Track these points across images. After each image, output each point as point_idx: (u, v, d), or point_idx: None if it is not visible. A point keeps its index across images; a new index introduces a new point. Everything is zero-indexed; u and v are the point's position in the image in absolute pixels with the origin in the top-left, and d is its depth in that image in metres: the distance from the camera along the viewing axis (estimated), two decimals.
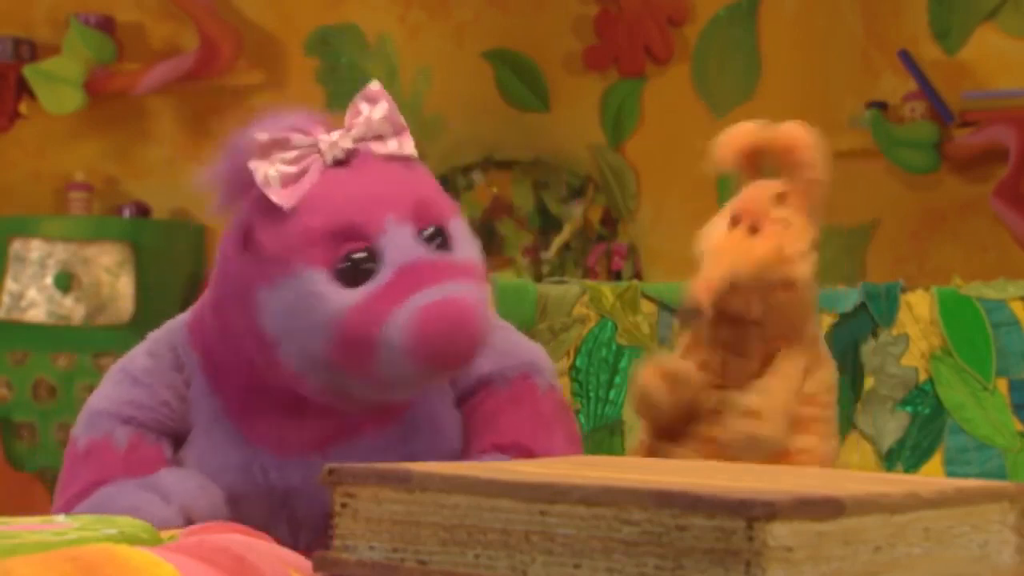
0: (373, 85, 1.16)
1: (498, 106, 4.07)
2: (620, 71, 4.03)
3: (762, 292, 1.14)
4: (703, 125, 3.96)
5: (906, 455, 1.60)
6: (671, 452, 1.15)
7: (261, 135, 1.11)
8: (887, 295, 1.62)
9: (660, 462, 1.01)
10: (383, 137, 1.14)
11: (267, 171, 1.11)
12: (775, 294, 1.14)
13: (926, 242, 3.80)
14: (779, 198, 1.15)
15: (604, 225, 3.98)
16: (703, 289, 1.12)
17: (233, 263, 1.15)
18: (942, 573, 0.77)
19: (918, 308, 1.62)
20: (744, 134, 1.17)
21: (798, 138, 1.17)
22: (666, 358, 1.17)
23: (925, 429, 1.60)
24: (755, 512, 0.69)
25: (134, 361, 1.23)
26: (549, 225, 3.96)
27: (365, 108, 1.15)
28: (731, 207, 1.16)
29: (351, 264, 1.10)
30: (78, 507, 1.16)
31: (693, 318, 1.13)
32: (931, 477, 1.51)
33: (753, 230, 1.14)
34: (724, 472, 0.88)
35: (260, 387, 1.18)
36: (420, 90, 4.04)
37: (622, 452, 1.64)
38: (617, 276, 3.88)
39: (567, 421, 1.26)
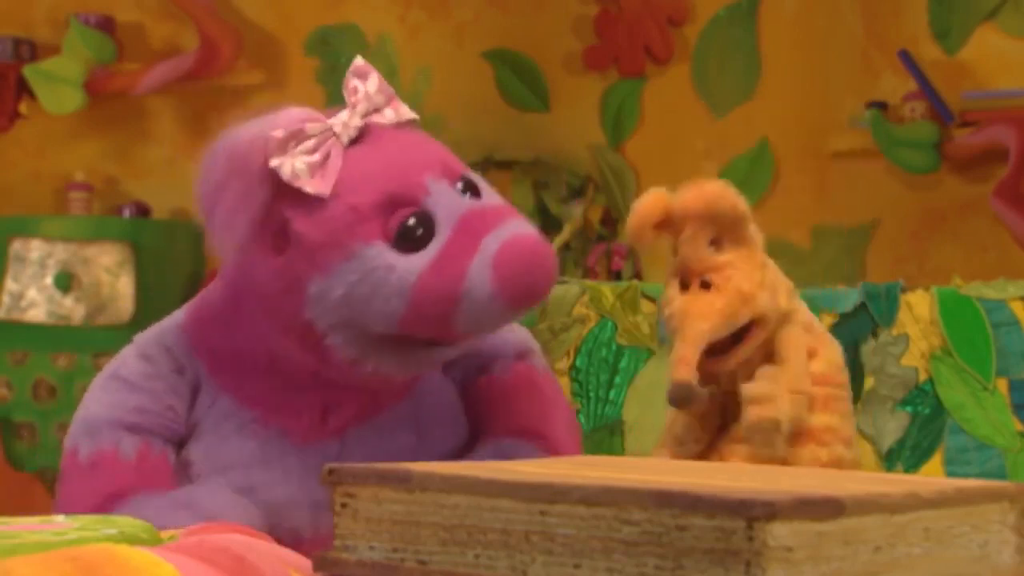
0: (358, 61, 1.18)
1: (498, 106, 4.07)
2: (620, 71, 4.03)
3: (738, 343, 1.14)
4: (703, 125, 3.97)
5: (906, 455, 1.60)
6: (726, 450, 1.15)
7: (277, 132, 1.12)
8: (887, 295, 1.62)
9: (660, 462, 1.01)
10: (380, 108, 1.16)
11: (293, 165, 1.12)
12: (752, 334, 1.14)
13: (926, 242, 3.80)
14: (714, 244, 1.15)
15: (604, 225, 3.98)
16: (683, 368, 1.11)
17: (265, 267, 1.14)
18: (942, 573, 0.77)
19: (918, 308, 1.62)
20: (650, 207, 1.16)
21: (697, 201, 1.15)
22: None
23: (925, 429, 1.60)
24: (755, 512, 0.69)
25: (127, 366, 1.22)
26: (549, 225, 3.96)
27: (360, 84, 1.16)
28: (673, 270, 1.16)
29: (407, 230, 1.12)
30: None
31: (687, 399, 1.12)
32: (931, 477, 1.51)
33: (705, 285, 1.14)
34: (724, 472, 0.88)
35: (281, 382, 1.18)
36: (420, 90, 4.04)
37: (622, 452, 1.64)
38: (617, 276, 3.88)
39: (563, 397, 1.29)
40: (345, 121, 1.14)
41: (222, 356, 1.20)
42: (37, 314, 3.82)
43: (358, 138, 1.15)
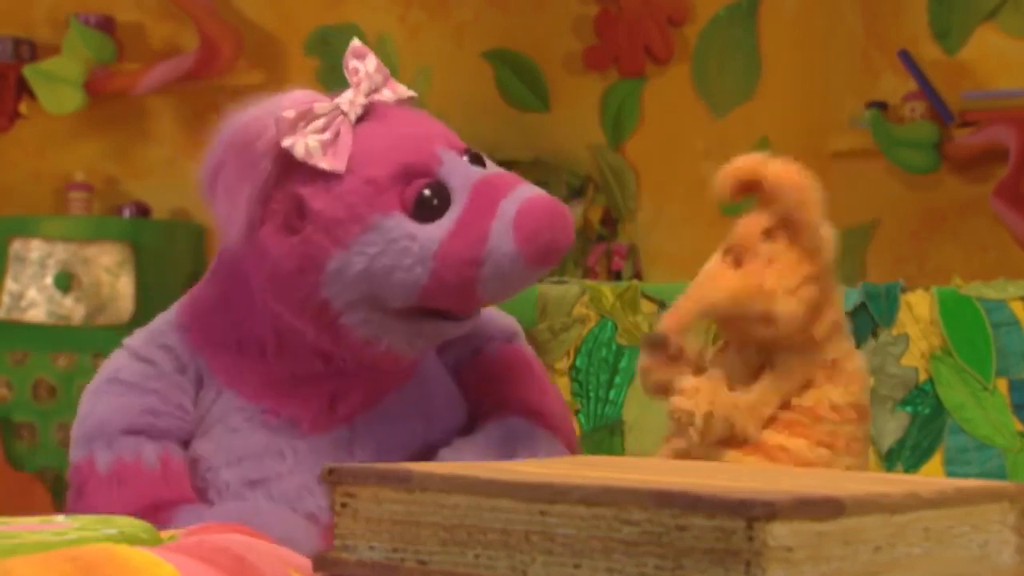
0: (355, 43, 1.20)
1: (498, 106, 4.07)
2: (620, 71, 4.03)
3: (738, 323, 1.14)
4: (703, 125, 3.97)
5: (906, 455, 1.60)
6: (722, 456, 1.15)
7: (288, 113, 1.13)
8: (887, 295, 1.62)
9: (660, 462, 1.01)
10: (379, 88, 1.18)
11: (306, 144, 1.13)
12: (754, 327, 1.14)
13: (926, 242, 3.80)
14: (767, 233, 1.15)
15: (604, 225, 3.98)
16: (672, 320, 1.13)
17: (279, 248, 1.14)
18: (942, 573, 0.77)
19: (918, 308, 1.62)
20: (741, 168, 1.17)
21: (786, 178, 1.16)
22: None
23: (925, 429, 1.60)
24: (755, 512, 0.69)
25: (126, 369, 1.21)
26: None
27: (359, 64, 1.18)
28: (727, 239, 1.16)
29: (424, 200, 1.13)
30: None
31: (656, 346, 1.13)
32: (931, 477, 1.51)
33: (737, 263, 1.15)
34: (724, 472, 0.88)
35: (288, 371, 1.18)
36: (420, 90, 4.03)
37: (622, 452, 1.64)
38: (617, 276, 3.88)
39: (547, 375, 1.32)
40: (351, 99, 1.16)
41: (225, 350, 1.20)
42: (37, 314, 3.82)
43: (364, 116, 1.17)
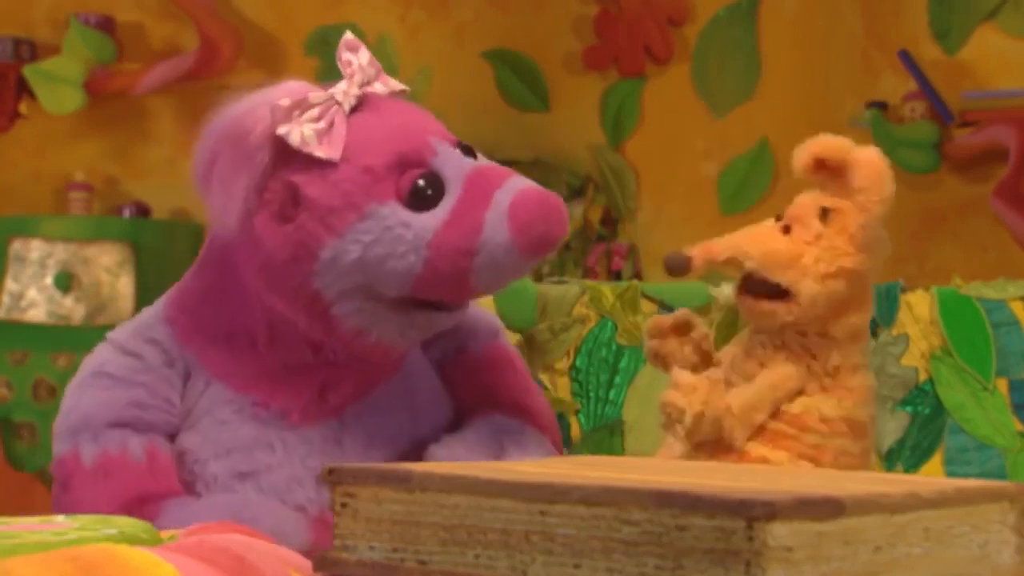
0: (348, 36, 1.21)
1: (498, 106, 4.07)
2: (620, 71, 4.03)
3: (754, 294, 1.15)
4: (703, 125, 3.97)
5: (906, 455, 1.60)
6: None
7: (283, 101, 1.13)
8: (887, 295, 1.62)
9: (660, 462, 1.01)
10: (372, 81, 1.19)
11: (301, 132, 1.13)
12: (762, 303, 1.14)
13: (926, 242, 3.80)
14: (823, 213, 1.15)
15: (604, 225, 3.98)
16: (701, 249, 1.15)
17: (272, 236, 1.14)
18: (942, 573, 0.77)
19: (918, 308, 1.62)
20: (828, 145, 1.17)
21: (873, 165, 1.17)
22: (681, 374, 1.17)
23: (925, 429, 1.60)
24: (755, 512, 0.69)
25: (111, 363, 1.20)
26: None
27: (352, 57, 1.19)
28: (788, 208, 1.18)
29: (418, 190, 1.13)
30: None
31: (677, 267, 1.14)
32: (931, 477, 1.51)
33: (785, 230, 1.15)
34: (724, 472, 0.88)
35: (278, 363, 1.18)
36: (420, 90, 4.04)
37: (622, 452, 1.64)
38: (617, 276, 3.88)
39: (529, 372, 1.34)
40: (345, 90, 1.17)
41: (215, 342, 1.20)
42: (37, 314, 3.82)
43: (357, 107, 1.17)
